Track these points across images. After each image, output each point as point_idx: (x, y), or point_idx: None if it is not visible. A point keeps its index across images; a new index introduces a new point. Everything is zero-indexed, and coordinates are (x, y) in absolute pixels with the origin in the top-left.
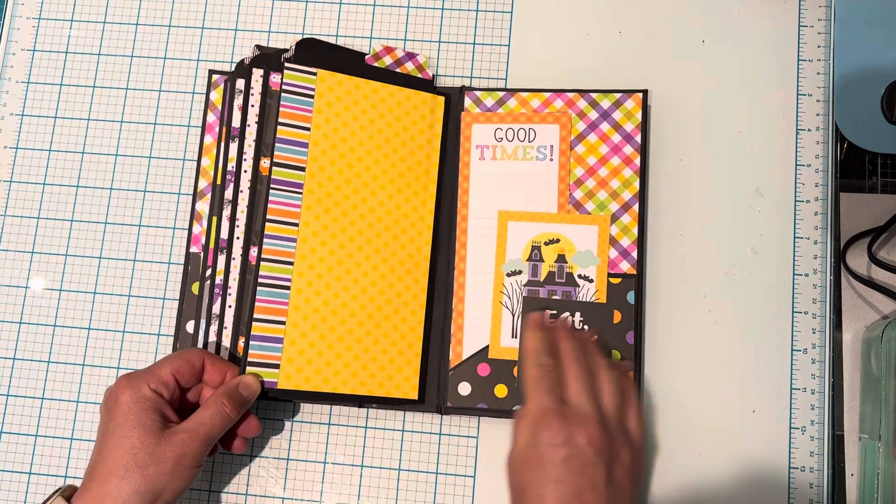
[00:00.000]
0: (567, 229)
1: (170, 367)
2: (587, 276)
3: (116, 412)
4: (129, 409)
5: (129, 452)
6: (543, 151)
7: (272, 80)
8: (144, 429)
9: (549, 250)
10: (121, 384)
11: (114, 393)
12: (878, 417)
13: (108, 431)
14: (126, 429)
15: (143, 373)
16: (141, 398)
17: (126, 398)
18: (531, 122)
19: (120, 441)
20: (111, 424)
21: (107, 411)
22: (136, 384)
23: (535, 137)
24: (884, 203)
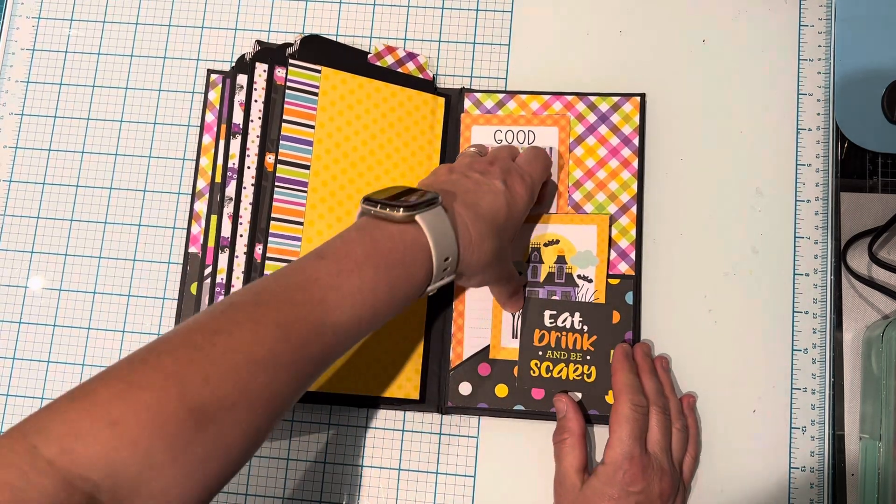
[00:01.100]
0: (566, 230)
1: (540, 185)
2: (586, 277)
3: (515, 202)
4: (524, 209)
5: (504, 233)
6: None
7: (277, 75)
8: (516, 232)
9: (549, 251)
10: (519, 181)
11: (513, 180)
12: (879, 417)
13: (496, 194)
14: (514, 218)
15: (533, 183)
16: (531, 206)
17: (526, 199)
18: (530, 125)
19: (503, 218)
20: (503, 197)
21: (502, 189)
22: (533, 193)
23: (534, 139)
24: (884, 203)
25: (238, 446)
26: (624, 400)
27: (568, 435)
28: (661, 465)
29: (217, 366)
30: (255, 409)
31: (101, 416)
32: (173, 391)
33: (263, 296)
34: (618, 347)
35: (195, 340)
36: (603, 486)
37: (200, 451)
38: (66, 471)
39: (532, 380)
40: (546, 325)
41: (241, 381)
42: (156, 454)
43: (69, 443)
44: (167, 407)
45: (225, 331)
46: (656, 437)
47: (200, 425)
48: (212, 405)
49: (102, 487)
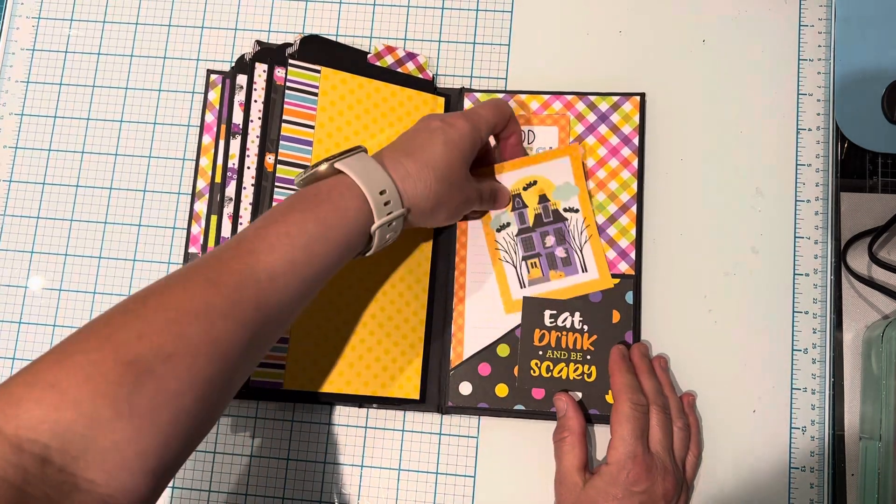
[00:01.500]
0: (540, 169)
1: (492, 124)
2: (572, 208)
3: (451, 131)
4: (465, 136)
5: (443, 160)
6: None
7: (276, 75)
8: (464, 159)
9: (530, 194)
10: (459, 117)
11: (453, 117)
12: (879, 417)
13: (431, 131)
14: (453, 144)
15: (478, 118)
16: (476, 138)
17: (466, 128)
18: (530, 125)
19: (440, 146)
20: (439, 131)
21: (439, 124)
22: (476, 125)
23: (534, 139)
24: (884, 203)
25: (186, 395)
26: (624, 400)
27: (568, 434)
28: (664, 464)
29: (150, 322)
30: (197, 357)
31: (39, 383)
32: (108, 350)
33: (194, 263)
34: (613, 349)
35: (127, 306)
36: (606, 485)
37: (145, 402)
38: (12, 435)
39: (532, 379)
40: (546, 324)
41: (175, 332)
42: (99, 410)
43: (11, 409)
44: (102, 365)
45: (156, 293)
46: (658, 437)
47: (139, 378)
48: (148, 357)
49: (52, 447)
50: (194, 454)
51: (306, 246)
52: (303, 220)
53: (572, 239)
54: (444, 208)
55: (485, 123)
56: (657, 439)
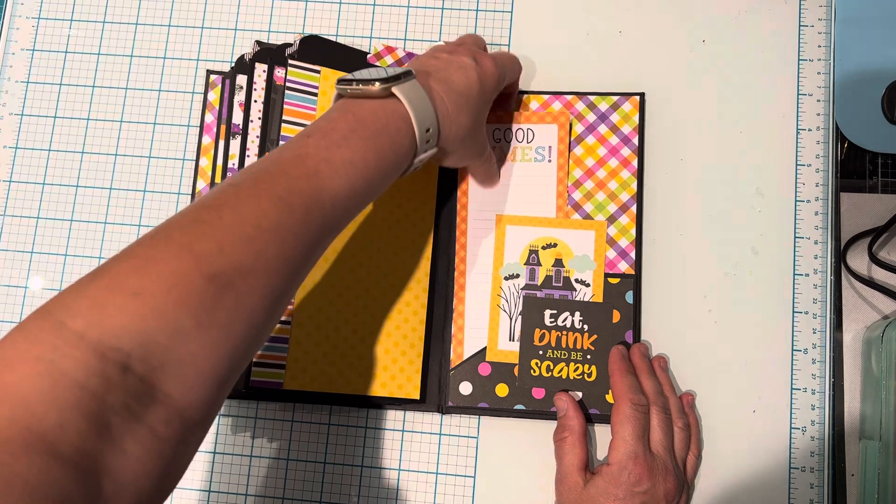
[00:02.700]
0: (564, 234)
1: (510, 76)
2: (584, 281)
3: (484, 76)
4: (494, 81)
5: (477, 104)
6: (542, 152)
7: (276, 75)
8: (489, 104)
9: (547, 254)
10: (488, 59)
11: (483, 57)
12: (879, 417)
13: (466, 70)
14: (485, 88)
15: (503, 66)
16: (500, 86)
17: (496, 74)
18: (529, 123)
19: (476, 89)
20: (473, 71)
21: (472, 63)
22: (502, 73)
23: (533, 138)
24: (884, 203)
25: (259, 310)
26: (624, 400)
27: (569, 433)
28: (665, 464)
29: (228, 235)
30: (271, 275)
31: (123, 289)
32: (190, 261)
33: (260, 174)
34: (613, 350)
35: (202, 216)
36: (608, 485)
37: (223, 316)
38: (96, 342)
39: (532, 379)
40: (546, 324)
41: (253, 248)
42: (181, 321)
43: (95, 315)
44: (186, 276)
45: (230, 206)
46: (658, 437)
47: (220, 291)
48: (229, 271)
49: (134, 356)
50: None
51: (366, 176)
52: (365, 150)
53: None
54: (463, 152)
55: (507, 73)
56: (658, 439)
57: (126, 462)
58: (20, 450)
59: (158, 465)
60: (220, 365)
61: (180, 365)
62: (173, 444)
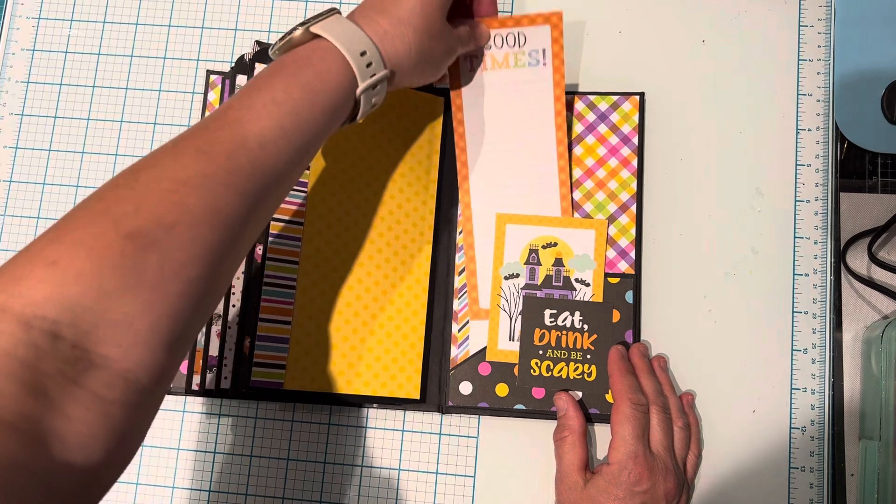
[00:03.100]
0: (564, 233)
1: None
2: (584, 280)
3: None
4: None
5: (420, 13)
6: (536, 56)
7: None
8: (441, 8)
9: (547, 254)
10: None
11: None
12: (878, 417)
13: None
14: (423, 8)
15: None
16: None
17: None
18: (520, 26)
19: (415, 13)
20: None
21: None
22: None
23: (525, 42)
24: (884, 203)
25: (194, 265)
26: (623, 400)
27: (568, 433)
28: (665, 464)
29: (145, 194)
30: (200, 226)
31: (39, 260)
32: (106, 224)
33: (181, 135)
34: (612, 350)
35: (119, 181)
36: (608, 485)
37: (151, 273)
38: (19, 313)
39: (532, 379)
40: (546, 324)
41: (173, 202)
42: (105, 283)
43: (15, 288)
44: (102, 238)
45: (146, 167)
46: (658, 437)
47: (143, 249)
48: (149, 228)
49: (62, 322)
50: (194, 454)
51: (293, 112)
52: (286, 86)
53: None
54: (427, 64)
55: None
56: (658, 439)
57: (70, 425)
58: None
59: (106, 426)
60: (160, 325)
61: (114, 326)
62: (120, 406)
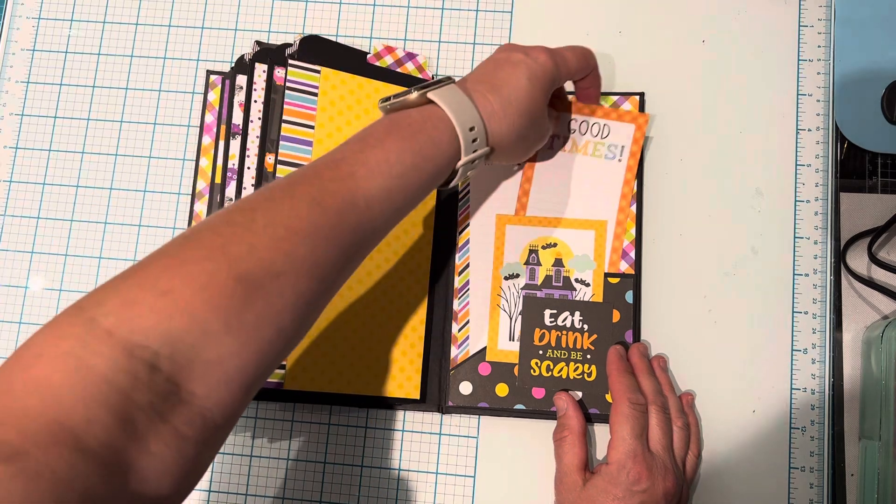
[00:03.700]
0: (564, 233)
1: (574, 70)
2: (584, 280)
3: (535, 66)
4: (548, 72)
5: (527, 96)
6: (614, 150)
7: (276, 75)
8: (545, 95)
9: (547, 254)
10: (542, 52)
11: (536, 51)
12: (878, 417)
13: (515, 64)
14: (537, 79)
15: (561, 58)
16: (557, 77)
17: (549, 64)
18: (608, 118)
19: (525, 82)
20: (523, 65)
21: (522, 57)
22: (558, 64)
23: (608, 134)
24: (884, 203)
25: (289, 313)
26: (622, 399)
27: (568, 433)
28: (665, 463)
29: (260, 237)
30: (301, 277)
31: (153, 288)
32: (221, 262)
33: (294, 177)
34: (611, 350)
35: (235, 219)
36: (607, 484)
37: (252, 318)
38: (124, 339)
39: (532, 379)
40: (546, 324)
41: (284, 250)
42: (209, 322)
43: (125, 313)
44: (216, 276)
45: (262, 208)
46: (657, 436)
47: (250, 293)
48: (259, 274)
49: (161, 355)
50: None
51: (402, 175)
52: (400, 150)
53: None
54: (522, 145)
55: (567, 66)
56: (657, 438)
57: (149, 460)
58: (49, 441)
59: (180, 463)
60: (246, 368)
61: (207, 365)
62: (195, 444)
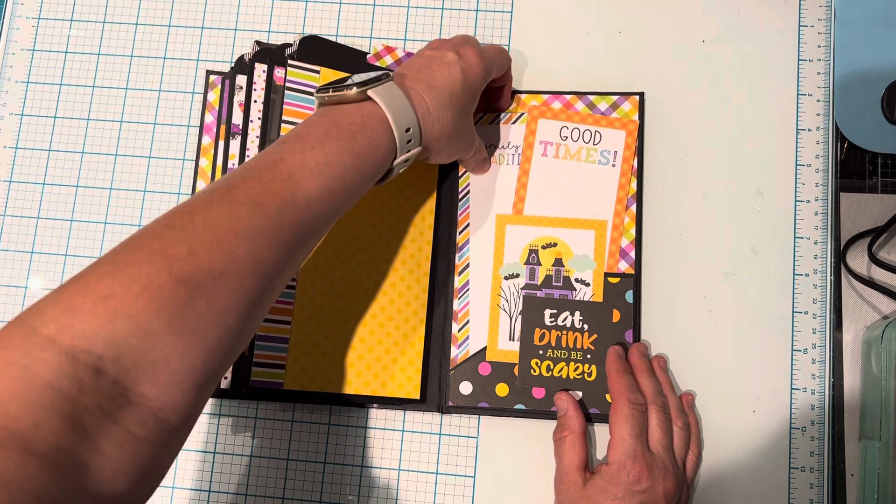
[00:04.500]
0: (564, 233)
1: (499, 69)
2: (584, 280)
3: (468, 69)
4: (479, 75)
5: (460, 99)
6: (607, 156)
7: (276, 75)
8: (475, 99)
9: (547, 254)
10: (473, 53)
11: (467, 51)
12: (878, 417)
13: (449, 65)
14: (469, 83)
15: (490, 59)
16: (486, 78)
17: (480, 67)
18: (598, 125)
19: (458, 84)
20: (456, 66)
21: (455, 58)
22: (488, 66)
23: (600, 140)
24: (884, 203)
25: (233, 313)
26: (621, 400)
27: (568, 432)
28: (665, 463)
29: (199, 239)
30: (244, 277)
31: (93, 293)
32: (160, 264)
33: (233, 180)
34: (610, 351)
35: (174, 222)
36: (607, 485)
37: (195, 318)
38: (67, 345)
39: (532, 379)
40: (546, 324)
41: (225, 251)
42: (152, 323)
43: (66, 320)
44: (156, 279)
45: (201, 210)
46: (657, 436)
47: (192, 294)
48: (200, 274)
49: (106, 358)
50: (194, 454)
51: (341, 176)
52: (339, 151)
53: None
54: (450, 149)
55: (495, 66)
56: (657, 438)
57: (103, 460)
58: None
59: (135, 463)
60: (194, 368)
61: (154, 366)
62: (150, 444)
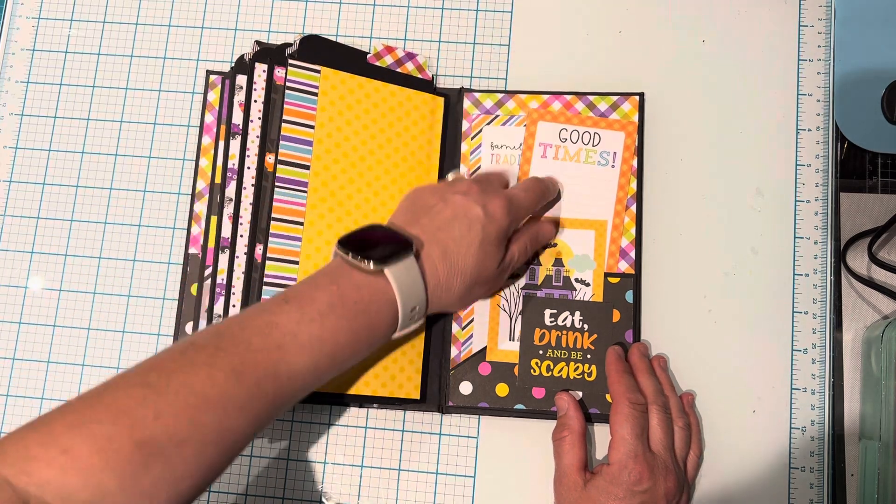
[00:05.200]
0: (564, 233)
1: (531, 212)
2: (584, 280)
3: (490, 227)
4: (502, 229)
5: (476, 265)
6: (606, 157)
7: (276, 75)
8: (499, 252)
9: (547, 254)
10: (501, 207)
11: (495, 206)
12: (879, 417)
13: (470, 223)
14: (489, 242)
15: (519, 209)
16: (512, 228)
17: (505, 222)
18: (597, 127)
19: (475, 248)
20: (478, 225)
21: (480, 214)
22: (516, 217)
23: (599, 142)
24: (884, 203)
25: (188, 480)
26: (622, 400)
27: (568, 433)
28: (666, 463)
29: (169, 403)
30: (206, 446)
31: (55, 444)
32: (124, 425)
33: (224, 340)
34: (609, 351)
35: (150, 379)
36: (608, 485)
37: (148, 482)
38: (22, 490)
39: (533, 379)
40: (546, 324)
41: (191, 418)
42: (105, 482)
43: (25, 465)
44: (117, 440)
45: (181, 371)
46: (658, 436)
47: (148, 459)
48: (161, 439)
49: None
50: None
51: (332, 354)
52: (336, 329)
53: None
54: (462, 304)
55: (524, 213)
56: (658, 438)
57: None
58: None
59: None
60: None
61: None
62: None
